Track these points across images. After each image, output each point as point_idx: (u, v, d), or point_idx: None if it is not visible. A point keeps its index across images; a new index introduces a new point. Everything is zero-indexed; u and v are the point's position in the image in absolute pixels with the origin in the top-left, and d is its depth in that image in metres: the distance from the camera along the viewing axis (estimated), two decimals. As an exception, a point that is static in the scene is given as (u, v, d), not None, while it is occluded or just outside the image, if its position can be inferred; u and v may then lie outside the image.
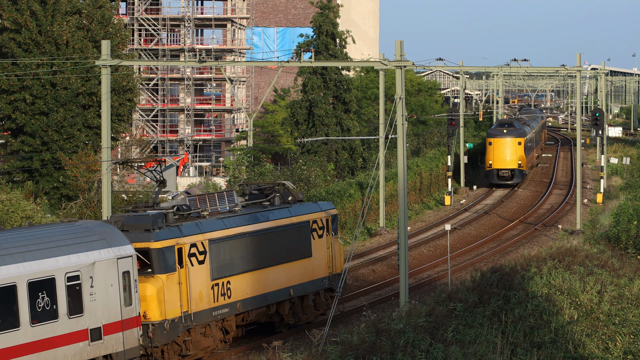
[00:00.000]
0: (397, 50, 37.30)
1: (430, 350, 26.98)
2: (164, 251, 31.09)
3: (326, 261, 38.34)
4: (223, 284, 33.33)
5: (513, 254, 52.66)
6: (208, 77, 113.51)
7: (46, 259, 27.12)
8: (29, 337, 26.45)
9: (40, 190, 62.93)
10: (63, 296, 27.41)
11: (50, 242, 27.75)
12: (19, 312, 26.22)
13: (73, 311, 27.72)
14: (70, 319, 27.64)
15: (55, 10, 65.67)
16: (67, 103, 65.22)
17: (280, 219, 36.22)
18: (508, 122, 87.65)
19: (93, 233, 29.00)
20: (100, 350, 28.45)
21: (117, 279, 29.06)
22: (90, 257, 28.28)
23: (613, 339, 30.42)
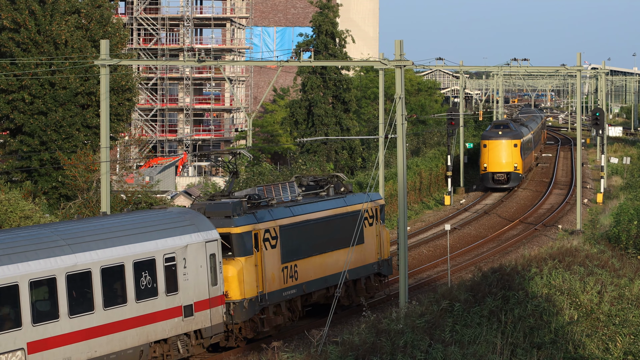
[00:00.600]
0: (397, 50, 37.27)
1: (430, 350, 26.96)
2: (243, 236, 33.99)
3: (376, 247, 41.26)
4: (291, 267, 36.16)
5: (513, 254, 52.61)
6: (207, 77, 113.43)
7: (148, 241, 30.28)
8: (134, 312, 29.67)
9: (39, 190, 62.82)
10: (162, 276, 30.52)
11: (149, 226, 30.91)
12: (126, 289, 29.47)
13: (170, 289, 30.83)
14: (167, 297, 30.73)
15: (54, 9, 65.56)
16: (66, 103, 65.12)
17: (336, 208, 39.16)
18: (503, 124, 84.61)
19: (184, 219, 32.12)
20: (191, 325, 31.53)
21: (206, 260, 32.09)
22: (183, 240, 31.34)
23: (613, 339, 30.33)
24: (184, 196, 71.82)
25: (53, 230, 28.88)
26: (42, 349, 27.28)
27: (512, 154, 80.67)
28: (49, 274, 27.38)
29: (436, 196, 78.48)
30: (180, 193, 75.04)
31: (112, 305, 29.12)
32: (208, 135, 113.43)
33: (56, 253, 27.91)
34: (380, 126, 59.14)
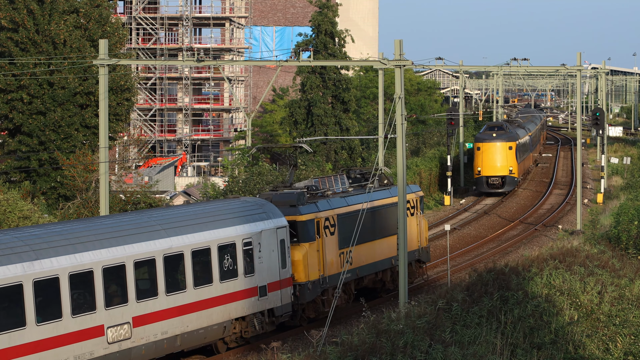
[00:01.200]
0: (396, 50, 37.22)
1: (430, 351, 26.95)
2: (307, 223, 36.99)
3: (416, 236, 44.55)
4: (346, 253, 38.80)
5: (513, 254, 52.54)
6: (206, 77, 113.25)
7: (229, 227, 33.37)
8: (218, 291, 32.66)
9: (37, 190, 62.70)
10: (241, 258, 33.59)
11: (229, 214, 34.02)
12: (212, 270, 32.46)
13: (247, 271, 33.86)
14: (245, 278, 33.77)
15: (52, 9, 65.43)
16: (65, 102, 64.97)
17: (383, 198, 42.22)
18: (498, 125, 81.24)
19: (257, 207, 35.20)
20: (265, 304, 34.50)
21: (277, 245, 35.15)
22: (258, 226, 34.45)
23: (613, 339, 30.30)
24: (183, 196, 71.72)
25: (150, 217, 31.98)
26: (144, 323, 30.19)
27: (507, 157, 77.59)
28: (150, 255, 30.48)
29: (436, 196, 78.38)
30: (179, 193, 74.92)
31: (201, 285, 32.07)
32: (207, 135, 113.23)
33: (154, 237, 30.95)
34: (379, 126, 59.06)
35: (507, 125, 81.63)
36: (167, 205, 38.08)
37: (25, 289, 26.88)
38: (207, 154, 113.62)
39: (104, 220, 31.30)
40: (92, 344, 28.61)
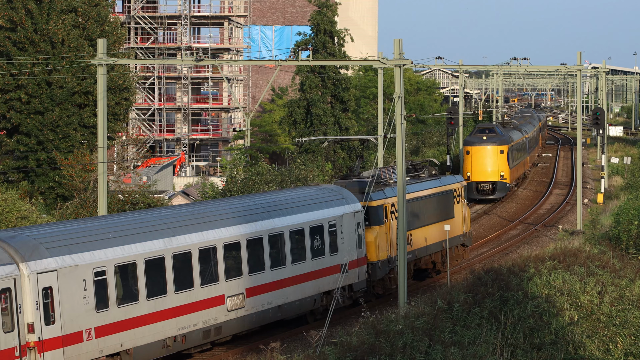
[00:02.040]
0: (396, 49, 37.21)
1: (429, 351, 26.93)
2: (378, 208, 41.04)
3: (461, 222, 48.85)
4: (408, 236, 42.29)
5: (513, 254, 52.40)
6: (205, 76, 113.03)
7: (317, 211, 37.60)
8: (310, 267, 36.93)
9: (35, 190, 62.56)
10: (327, 238, 37.72)
11: (316, 199, 38.26)
12: (305, 249, 36.76)
13: (332, 250, 37.95)
14: (331, 256, 37.88)
15: (50, 8, 65.28)
16: (63, 102, 64.82)
17: (435, 187, 46.41)
18: (489, 128, 76.47)
19: (337, 193, 39.43)
20: (346, 280, 38.58)
21: (354, 227, 39.10)
22: (339, 210, 38.55)
23: (614, 340, 30.21)
24: (182, 196, 71.52)
25: (254, 201, 36.45)
26: (254, 294, 34.37)
27: (498, 162, 72.85)
28: (258, 234, 34.72)
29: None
30: (178, 193, 74.72)
31: (297, 261, 36.40)
32: (206, 135, 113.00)
33: (261, 218, 35.28)
34: (379, 126, 58.97)
35: (499, 127, 77.24)
36: (263, 191, 44.61)
37: (167, 261, 31.13)
38: (205, 154, 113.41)
39: (220, 203, 36.29)
40: (216, 311, 32.87)
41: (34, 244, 27.85)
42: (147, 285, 30.33)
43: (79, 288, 28.37)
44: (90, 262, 28.83)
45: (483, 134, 74.54)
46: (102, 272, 29.12)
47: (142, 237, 30.73)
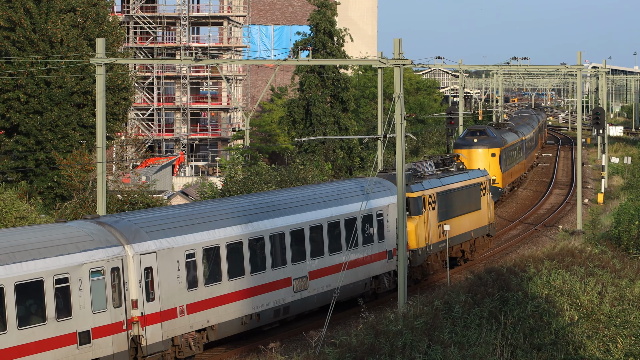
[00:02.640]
0: (396, 49, 37.12)
1: (429, 352, 26.89)
2: (417, 199, 43.74)
3: (487, 213, 51.76)
4: (442, 226, 45.57)
5: (513, 254, 52.28)
6: (204, 76, 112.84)
7: (366, 201, 39.80)
8: (362, 253, 39.91)
9: (34, 190, 62.44)
10: (375, 227, 40.63)
11: (361, 192, 40.70)
12: (358, 235, 39.05)
13: (380, 237, 40.97)
14: (378, 243, 40.91)
15: (49, 8, 65.15)
16: (62, 102, 64.69)
17: (465, 180, 49.24)
18: (480, 130, 72.63)
19: (383, 185, 42.39)
20: (391, 266, 41.66)
21: (393, 217, 41.65)
22: (385, 201, 41.51)
23: (614, 340, 30.21)
24: (181, 196, 71.38)
25: (313, 192, 39.55)
26: (316, 277, 37.32)
27: (490, 165, 69.60)
28: (319, 222, 37.97)
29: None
30: (177, 193, 74.57)
31: (351, 247, 38.91)
32: (205, 135, 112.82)
33: (318, 208, 38.40)
34: (378, 125, 58.82)
35: (491, 129, 73.34)
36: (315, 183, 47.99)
37: (244, 245, 34.18)
38: (205, 154, 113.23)
39: (283, 193, 38.82)
40: (284, 292, 35.75)
41: (135, 228, 30.77)
42: (229, 267, 33.29)
43: (173, 268, 31.19)
44: (183, 245, 31.77)
45: (474, 137, 70.98)
46: (192, 254, 32.06)
47: (224, 223, 33.72)
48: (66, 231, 29.38)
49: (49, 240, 28.52)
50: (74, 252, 28.58)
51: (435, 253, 45.42)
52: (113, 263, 29.26)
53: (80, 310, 28.34)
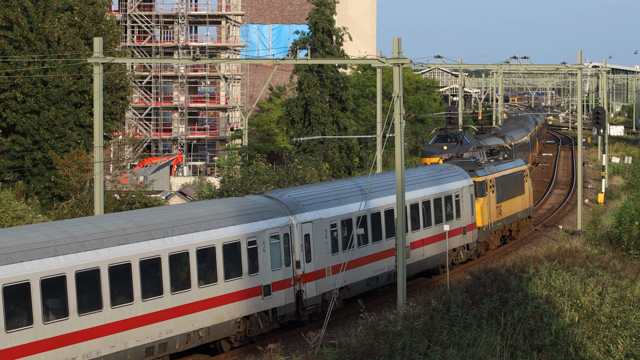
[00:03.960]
0: (395, 48, 36.99)
1: (429, 353, 26.86)
2: (482, 183, 49.99)
3: (528, 197, 57.95)
4: (499, 207, 52.41)
5: (513, 254, 52.10)
6: (202, 75, 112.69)
7: (447, 184, 46.78)
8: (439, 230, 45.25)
9: (31, 190, 62.25)
10: (454, 206, 47.01)
11: (446, 175, 47.52)
12: (442, 213, 45.81)
13: (457, 216, 47.25)
14: (456, 220, 47.11)
15: (46, 7, 64.95)
16: (59, 101, 64.48)
17: (513, 167, 55.62)
18: (452, 135, 64.16)
19: (457, 171, 48.81)
20: (466, 240, 48.43)
21: (469, 198, 48.58)
22: (461, 184, 48.06)
23: (615, 341, 30.19)
24: (179, 196, 71.17)
25: (417, 172, 45.99)
26: (414, 247, 43.16)
27: None
28: (416, 201, 43.65)
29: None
30: (175, 193, 74.38)
31: (437, 223, 45.26)
32: (203, 135, 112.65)
33: (414, 189, 43.70)
34: (378, 125, 58.47)
35: (466, 134, 66.08)
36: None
37: (367, 218, 39.75)
38: (203, 154, 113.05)
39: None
40: (394, 259, 40.76)
41: (296, 202, 36.92)
42: (358, 236, 39.11)
43: (323, 236, 37.17)
44: (328, 217, 37.74)
45: (444, 143, 63.25)
46: (334, 224, 38.08)
47: (353, 200, 39.44)
48: (250, 203, 35.67)
49: (242, 210, 34.86)
50: (259, 220, 34.68)
51: (494, 231, 52.20)
52: (285, 230, 35.58)
53: (264, 267, 34.37)
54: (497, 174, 52.42)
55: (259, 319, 34.05)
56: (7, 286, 25.95)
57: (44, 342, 26.76)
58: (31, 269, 26.62)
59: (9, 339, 25.98)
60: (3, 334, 25.90)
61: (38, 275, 26.72)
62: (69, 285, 27.47)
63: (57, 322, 27.19)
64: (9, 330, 26.02)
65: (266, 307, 34.31)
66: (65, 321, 27.38)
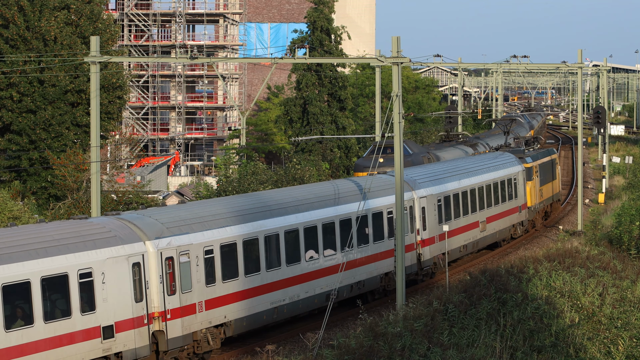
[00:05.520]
0: (394, 47, 36.90)
1: (428, 354, 26.82)
2: (530, 169, 57.41)
3: (558, 183, 66.39)
4: (541, 190, 60.02)
5: (512, 255, 51.95)
6: (200, 74, 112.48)
7: (507, 169, 54.36)
8: (507, 207, 53.71)
9: (27, 190, 62.22)
10: (513, 188, 54.89)
11: (504, 162, 54.92)
12: (505, 194, 53.29)
13: (515, 197, 55.07)
14: (514, 200, 54.98)
15: (43, 5, 64.85)
16: (55, 101, 64.39)
17: (548, 156, 63.28)
18: (391, 146, 49.04)
19: (513, 158, 56.40)
20: (521, 217, 56.19)
21: (523, 181, 56.14)
22: (516, 169, 55.65)
23: (615, 342, 30.06)
24: (176, 196, 70.93)
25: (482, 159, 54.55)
26: (488, 222, 50.60)
27: None
28: (488, 182, 51.02)
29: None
30: (172, 193, 74.14)
31: (503, 202, 52.92)
32: (200, 134, 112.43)
33: (480, 173, 50.81)
34: (376, 125, 58.27)
35: (410, 143, 57.94)
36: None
37: (459, 197, 47.34)
38: (200, 153, 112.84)
39: (470, 160, 51.55)
40: (476, 231, 49.58)
41: (415, 180, 43.80)
42: (454, 211, 46.92)
43: (432, 209, 44.18)
44: (436, 193, 44.78)
45: (380, 155, 49.20)
46: (440, 199, 44.89)
47: (452, 179, 47.67)
48: (382, 179, 41.87)
49: (385, 185, 40.93)
50: (391, 195, 40.28)
51: (537, 211, 59.96)
52: (409, 202, 42.22)
53: (388, 235, 40.62)
54: (539, 161, 60.25)
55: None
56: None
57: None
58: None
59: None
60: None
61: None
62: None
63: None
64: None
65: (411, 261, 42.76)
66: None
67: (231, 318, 32.93)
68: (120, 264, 28.91)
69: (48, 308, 26.81)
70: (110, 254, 28.72)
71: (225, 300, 32.63)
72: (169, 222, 31.84)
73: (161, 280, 30.23)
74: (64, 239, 28.01)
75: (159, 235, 30.78)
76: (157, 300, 30.01)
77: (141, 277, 29.65)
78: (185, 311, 31.16)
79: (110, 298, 28.54)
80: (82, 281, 27.73)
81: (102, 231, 29.33)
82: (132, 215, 31.65)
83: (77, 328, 27.71)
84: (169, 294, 30.52)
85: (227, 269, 32.64)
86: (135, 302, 29.38)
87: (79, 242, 28.25)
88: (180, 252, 31.15)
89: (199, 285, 31.63)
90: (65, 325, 27.34)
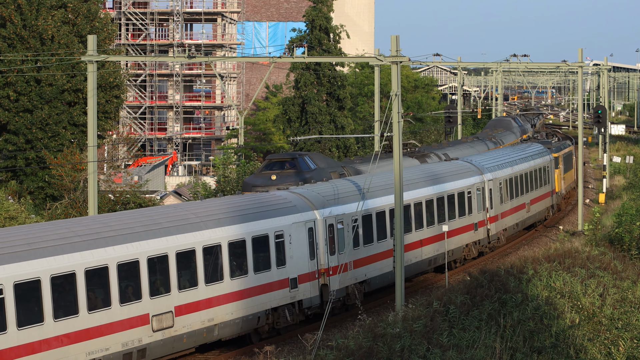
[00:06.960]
0: (393, 46, 36.82)
1: (428, 355, 26.81)
2: (557, 158, 64.25)
3: (574, 172, 72.74)
4: (564, 178, 66.91)
5: (512, 255, 51.83)
6: (197, 73, 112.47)
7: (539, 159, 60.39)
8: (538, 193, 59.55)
9: (24, 190, 62.15)
10: (547, 176, 61.83)
11: (537, 153, 61.07)
12: (539, 182, 59.37)
13: (547, 183, 61.75)
14: (545, 185, 61.26)
15: (40, 4, 64.77)
16: (52, 100, 64.30)
17: (566, 148, 69.85)
18: (289, 160, 45.72)
19: (544, 148, 62.74)
20: (553, 201, 63.33)
21: (552, 169, 62.31)
22: (547, 159, 61.74)
23: (616, 343, 30.03)
24: (174, 196, 70.72)
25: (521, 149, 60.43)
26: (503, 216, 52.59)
27: None
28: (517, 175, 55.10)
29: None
30: (170, 193, 73.96)
31: (535, 189, 58.43)
32: (198, 134, 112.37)
33: (514, 164, 55.11)
34: (375, 124, 58.04)
35: (309, 157, 47.08)
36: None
37: (512, 182, 52.96)
38: (198, 153, 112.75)
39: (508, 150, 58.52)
40: (521, 214, 55.73)
41: (482, 165, 50.24)
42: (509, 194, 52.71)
43: (497, 190, 50.82)
44: (499, 177, 51.15)
45: (274, 171, 44.80)
46: (501, 182, 51.80)
47: (507, 165, 53.69)
48: (453, 165, 48.23)
49: (456, 170, 47.18)
50: (469, 177, 47.63)
51: (562, 196, 66.61)
52: (481, 185, 48.66)
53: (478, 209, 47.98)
54: (562, 151, 66.87)
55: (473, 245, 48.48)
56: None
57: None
58: None
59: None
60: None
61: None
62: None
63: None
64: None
65: (476, 238, 48.57)
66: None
67: (369, 277, 39.63)
68: (300, 228, 35.49)
69: (256, 260, 33.55)
70: (294, 220, 35.32)
71: (366, 261, 39.26)
72: (328, 196, 38.08)
73: (326, 242, 36.90)
74: (265, 207, 35.08)
75: (323, 206, 37.17)
76: (323, 258, 36.63)
77: (313, 240, 36.31)
78: (341, 268, 37.81)
79: (295, 256, 35.12)
80: (277, 241, 34.50)
81: (285, 202, 35.90)
82: (301, 189, 38.10)
83: (274, 279, 34.44)
84: (331, 254, 37.11)
85: (365, 235, 39.30)
86: (310, 260, 36.02)
87: (272, 210, 34.90)
88: (338, 220, 37.75)
89: (349, 247, 38.08)
90: (268, 275, 34.16)
